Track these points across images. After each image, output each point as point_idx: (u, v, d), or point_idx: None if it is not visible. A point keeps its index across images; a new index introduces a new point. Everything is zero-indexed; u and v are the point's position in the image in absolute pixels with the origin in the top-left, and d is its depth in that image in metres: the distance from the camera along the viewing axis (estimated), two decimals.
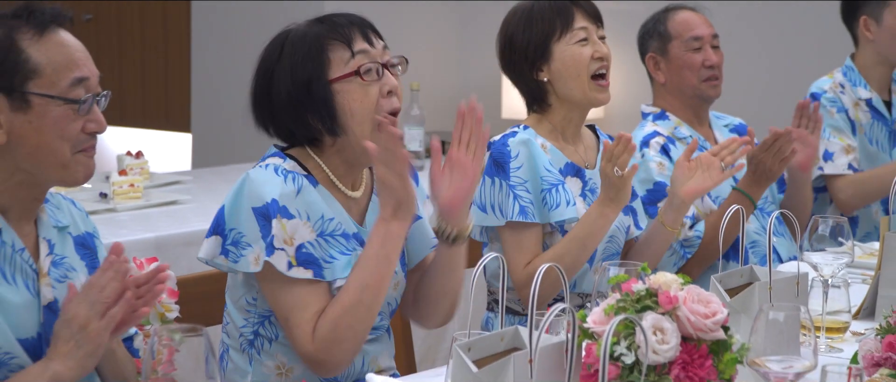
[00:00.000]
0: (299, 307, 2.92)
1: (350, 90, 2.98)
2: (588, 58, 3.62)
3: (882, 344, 2.84)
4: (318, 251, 2.96)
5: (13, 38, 2.51)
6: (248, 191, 2.94)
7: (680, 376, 2.18)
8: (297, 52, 3.00)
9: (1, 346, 2.51)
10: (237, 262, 2.94)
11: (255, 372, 3.06)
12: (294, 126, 3.04)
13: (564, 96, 3.68)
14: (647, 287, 2.25)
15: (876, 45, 4.96)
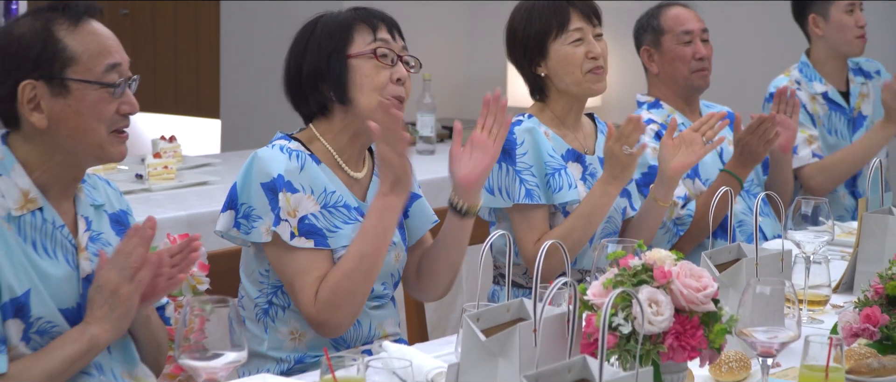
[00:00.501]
0: (302, 272, 2.96)
1: (364, 67, 3.02)
2: (582, 57, 3.61)
3: (860, 316, 2.84)
4: (322, 222, 2.99)
5: (50, 30, 2.52)
6: (257, 168, 2.98)
7: (673, 345, 2.18)
8: (327, 28, 3.06)
9: (43, 316, 2.53)
10: (249, 234, 2.98)
11: (270, 339, 3.08)
12: (310, 93, 3.07)
13: (562, 89, 3.68)
14: (643, 263, 2.24)
15: (826, 40, 4.99)
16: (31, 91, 2.50)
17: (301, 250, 2.96)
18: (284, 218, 2.94)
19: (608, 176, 3.52)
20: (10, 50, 2.53)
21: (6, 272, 2.49)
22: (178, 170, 5.09)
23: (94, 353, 2.55)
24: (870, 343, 2.80)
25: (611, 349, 2.17)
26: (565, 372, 2.04)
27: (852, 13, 4.94)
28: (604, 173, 3.55)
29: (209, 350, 2.12)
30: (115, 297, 2.51)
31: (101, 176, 2.80)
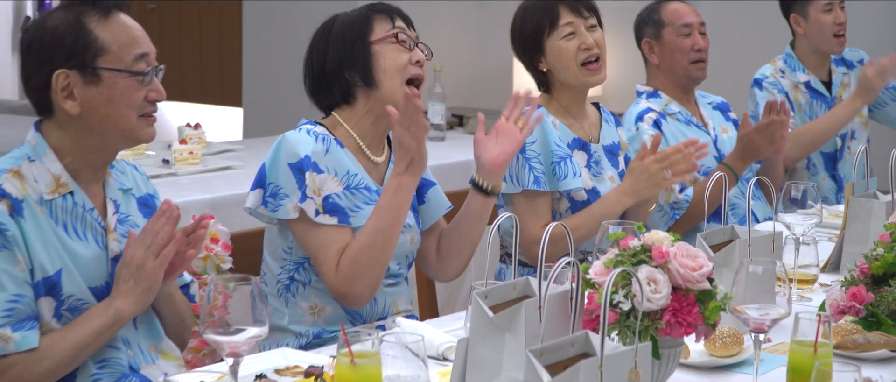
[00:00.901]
0: (325, 246, 2.98)
1: (386, 51, 3.05)
2: (574, 50, 3.60)
3: (846, 295, 2.85)
4: (345, 202, 3.00)
5: (82, 22, 2.53)
6: (285, 150, 2.99)
7: (671, 321, 2.18)
8: (346, 22, 3.09)
9: (74, 294, 2.54)
10: (275, 211, 2.99)
11: (291, 313, 3.08)
12: (334, 83, 3.09)
13: (563, 82, 3.68)
14: (642, 244, 2.24)
15: (806, 37, 5.00)
16: (64, 80, 2.51)
17: (325, 226, 2.97)
18: (310, 196, 2.95)
19: (630, 189, 3.54)
20: (44, 41, 2.53)
21: (39, 252, 2.49)
22: (203, 155, 5.10)
23: (119, 326, 2.56)
24: (856, 320, 2.80)
25: (611, 325, 2.16)
26: (568, 346, 2.04)
27: (830, 12, 4.93)
28: (626, 183, 3.56)
29: (232, 325, 2.12)
30: (140, 272, 2.53)
31: (129, 161, 2.81)
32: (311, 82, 3.14)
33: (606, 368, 1.96)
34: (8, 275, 2.44)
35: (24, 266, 2.47)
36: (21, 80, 2.66)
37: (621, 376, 2.00)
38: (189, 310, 2.79)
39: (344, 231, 2.99)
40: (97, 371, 2.58)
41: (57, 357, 2.48)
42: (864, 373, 2.19)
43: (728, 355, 2.57)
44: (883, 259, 2.88)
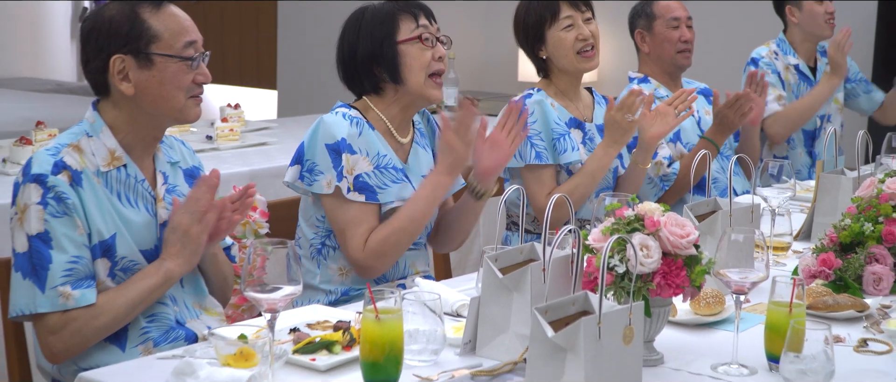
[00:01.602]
0: (353, 223, 2.97)
1: (412, 51, 3.02)
2: (573, 40, 3.61)
3: (817, 260, 2.85)
4: (374, 180, 2.99)
5: (136, 12, 2.53)
6: (323, 131, 2.98)
7: (661, 283, 2.18)
8: (374, 19, 3.05)
9: (127, 256, 2.55)
10: (311, 185, 2.98)
11: (322, 273, 3.09)
12: (365, 76, 3.07)
13: (561, 68, 3.68)
14: (636, 213, 2.24)
15: (800, 26, 5.00)
16: (120, 64, 2.51)
17: (354, 202, 2.96)
18: (345, 176, 2.95)
19: (609, 140, 3.55)
20: (101, 29, 2.53)
21: (96, 219, 2.50)
22: (242, 132, 5.12)
23: (168, 285, 2.57)
24: (826, 283, 2.80)
25: (608, 286, 2.16)
26: (570, 305, 2.04)
27: (822, 2, 4.96)
28: (605, 138, 3.56)
29: (269, 284, 2.12)
30: (186, 236, 2.55)
31: (176, 137, 2.81)
32: (343, 72, 3.12)
33: (604, 324, 1.97)
34: (68, 239, 2.45)
35: (83, 231, 2.47)
36: (80, 64, 2.67)
37: (617, 332, 2.00)
38: (230, 269, 2.80)
39: (371, 209, 2.99)
40: (147, 325, 2.59)
41: (112, 312, 2.49)
42: (833, 331, 2.19)
43: (711, 314, 2.58)
44: (850, 229, 2.88)
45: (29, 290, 2.45)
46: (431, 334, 2.27)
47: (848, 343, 2.44)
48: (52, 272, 2.44)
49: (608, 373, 1.98)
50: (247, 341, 2.22)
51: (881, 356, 2.39)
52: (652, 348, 2.31)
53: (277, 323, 2.18)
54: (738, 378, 2.24)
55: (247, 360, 2.14)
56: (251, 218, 3.00)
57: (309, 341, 2.31)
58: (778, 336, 2.23)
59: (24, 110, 6.83)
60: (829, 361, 2.13)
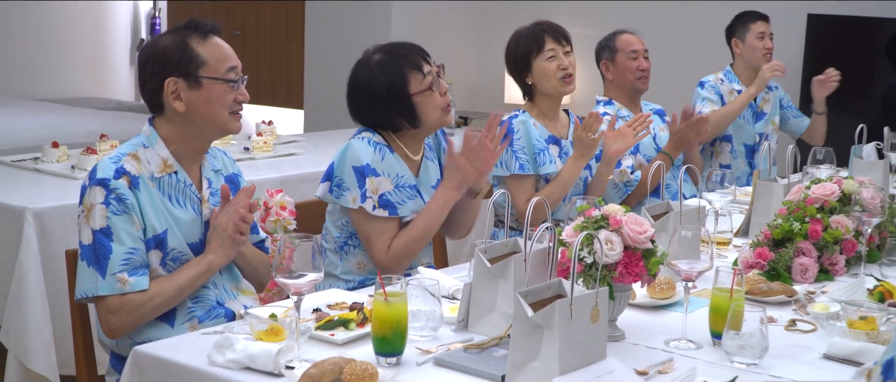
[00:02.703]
0: (378, 233, 2.95)
1: (425, 99, 2.97)
2: (555, 69, 3.60)
3: (753, 253, 2.86)
4: (394, 197, 2.97)
5: (187, 42, 2.53)
6: (350, 154, 2.95)
7: (623, 272, 2.19)
8: (385, 76, 2.95)
9: (176, 248, 2.56)
10: (339, 198, 2.95)
11: (343, 266, 3.07)
12: (384, 121, 3.01)
13: (544, 92, 3.66)
14: (602, 213, 2.24)
15: (743, 57, 5.01)
16: (173, 85, 2.51)
17: (379, 217, 2.94)
18: (369, 196, 2.92)
19: (577, 154, 3.56)
20: (157, 57, 2.53)
21: (150, 216, 2.51)
22: (275, 144, 5.11)
23: (210, 273, 2.58)
24: (761, 273, 2.81)
25: (579, 274, 2.16)
26: (546, 290, 2.04)
27: (762, 39, 4.97)
28: (574, 152, 3.58)
29: (296, 271, 2.12)
30: (224, 234, 2.56)
31: (220, 148, 2.81)
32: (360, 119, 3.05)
33: (575, 306, 1.97)
34: (126, 233, 2.45)
35: (139, 227, 2.48)
36: (138, 85, 2.67)
37: (585, 312, 2.00)
38: (261, 260, 2.78)
39: (393, 221, 2.97)
40: (192, 305, 2.59)
41: (163, 295, 2.50)
42: (767, 313, 2.19)
43: (665, 298, 2.58)
44: (781, 227, 2.88)
45: (92, 276, 2.45)
46: (431, 313, 2.27)
47: (779, 323, 2.45)
48: (112, 261, 2.44)
49: (578, 347, 1.98)
50: (277, 319, 2.22)
51: (807, 334, 2.40)
52: (615, 326, 2.32)
53: (302, 304, 2.18)
54: (686, 351, 2.24)
55: (277, 335, 2.14)
56: (281, 216, 3.00)
57: (329, 319, 2.31)
58: (720, 316, 2.24)
59: (90, 125, 6.82)
60: (763, 338, 2.14)
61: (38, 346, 3.50)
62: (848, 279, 2.85)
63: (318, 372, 1.93)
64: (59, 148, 4.51)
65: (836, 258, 2.89)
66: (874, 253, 2.99)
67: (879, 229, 3.03)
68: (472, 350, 2.16)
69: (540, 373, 1.94)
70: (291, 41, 8.39)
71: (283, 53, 8.54)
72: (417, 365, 2.10)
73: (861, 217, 2.94)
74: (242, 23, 8.79)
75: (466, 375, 2.05)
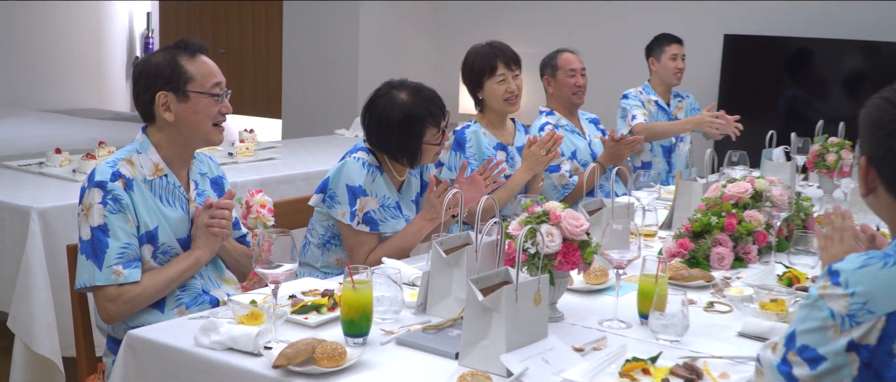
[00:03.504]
0: (359, 245, 2.96)
1: (430, 149, 2.99)
2: (502, 91, 3.62)
3: (676, 244, 2.88)
4: (378, 216, 2.97)
5: (177, 59, 2.51)
6: (346, 173, 2.94)
7: (561, 260, 2.19)
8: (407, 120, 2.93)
9: (166, 242, 2.54)
10: (331, 209, 2.96)
11: (324, 259, 3.06)
12: (385, 149, 2.99)
13: (492, 108, 3.68)
14: (543, 210, 2.25)
15: (658, 74, 5.06)
16: (163, 98, 2.49)
17: (361, 232, 2.94)
18: (356, 212, 2.92)
19: (526, 167, 3.56)
20: (150, 72, 2.51)
21: (143, 215, 2.49)
22: (255, 150, 5.09)
23: (197, 267, 2.57)
24: (682, 261, 2.83)
25: (523, 263, 2.17)
26: (495, 277, 2.05)
27: (674, 60, 5.01)
28: (523, 165, 3.57)
29: (274, 262, 2.11)
30: (208, 232, 2.55)
31: (206, 154, 2.79)
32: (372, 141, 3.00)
33: (519, 291, 1.97)
34: (121, 230, 2.44)
35: (133, 224, 2.46)
36: (132, 98, 2.64)
37: (529, 296, 2.01)
38: (242, 253, 2.76)
39: (372, 236, 2.97)
40: (180, 293, 2.57)
41: (154, 286, 2.49)
42: (688, 295, 2.21)
43: (598, 283, 2.59)
44: (700, 221, 2.91)
45: (90, 268, 2.43)
46: (393, 299, 2.27)
47: (699, 305, 2.46)
48: (108, 254, 2.42)
49: (523, 327, 1.98)
50: (256, 305, 2.21)
51: (724, 314, 2.42)
52: (555, 308, 2.33)
53: (279, 291, 2.17)
54: (617, 330, 2.25)
55: (256, 319, 2.13)
56: (261, 214, 2.98)
57: (303, 304, 2.30)
58: (647, 299, 2.25)
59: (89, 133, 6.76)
60: (685, 318, 2.16)
61: (43, 331, 3.47)
62: (760, 267, 2.88)
63: (293, 352, 1.93)
64: (61, 154, 4.48)
65: (749, 248, 2.91)
66: (783, 243, 3.03)
67: (787, 222, 3.07)
68: (429, 331, 2.16)
69: (489, 351, 1.95)
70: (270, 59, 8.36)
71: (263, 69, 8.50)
72: (381, 345, 2.10)
73: (771, 212, 2.97)
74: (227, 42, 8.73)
75: (425, 353, 2.05)
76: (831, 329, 1.53)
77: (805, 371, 1.54)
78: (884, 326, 1.50)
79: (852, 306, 1.52)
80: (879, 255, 1.57)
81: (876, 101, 1.67)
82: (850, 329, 1.52)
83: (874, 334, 1.50)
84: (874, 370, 1.51)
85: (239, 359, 2.00)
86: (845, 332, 1.52)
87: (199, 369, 2.03)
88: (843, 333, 1.52)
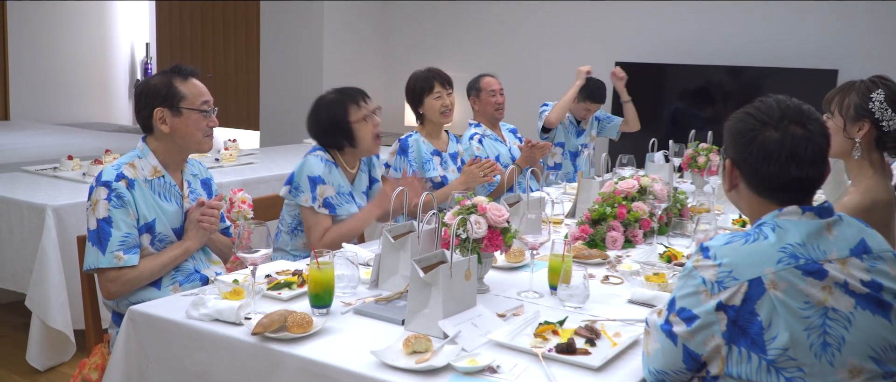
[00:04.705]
0: (316, 225, 2.92)
1: (360, 126, 2.96)
2: (439, 106, 3.60)
3: (578, 229, 2.88)
4: (335, 201, 2.94)
5: (171, 81, 2.48)
6: (307, 167, 2.92)
7: (487, 244, 2.20)
8: (333, 108, 2.96)
9: (162, 232, 2.50)
10: (296, 197, 2.93)
11: (293, 244, 3.03)
12: (331, 142, 2.99)
13: (430, 120, 3.66)
14: (473, 203, 2.25)
15: None
16: (160, 113, 2.46)
17: (321, 214, 2.91)
18: (317, 197, 2.90)
19: (462, 181, 3.50)
20: (148, 92, 2.48)
21: (143, 209, 2.45)
22: (238, 156, 5.04)
23: (187, 254, 2.53)
24: (584, 243, 2.84)
25: (456, 246, 2.17)
26: (433, 257, 2.04)
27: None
28: (461, 179, 3.50)
29: (252, 248, 2.08)
30: (198, 226, 2.52)
31: (197, 159, 2.75)
32: (317, 139, 3.02)
33: (453, 269, 1.97)
34: (123, 221, 2.39)
35: (133, 217, 2.42)
36: (134, 113, 2.60)
37: (461, 273, 2.01)
38: (225, 243, 2.72)
39: (329, 218, 2.94)
40: (175, 274, 2.53)
41: (150, 270, 2.44)
42: (588, 271, 2.23)
43: (517, 262, 2.60)
44: (597, 211, 2.93)
45: (95, 253, 2.38)
46: (351, 276, 2.26)
47: (597, 278, 2.48)
48: (111, 242, 2.37)
49: (456, 298, 1.98)
50: (238, 283, 2.18)
51: (616, 285, 2.43)
52: (482, 282, 2.33)
53: (257, 272, 2.14)
54: (532, 299, 2.26)
55: (238, 295, 2.11)
56: (242, 208, 2.95)
57: (276, 282, 2.27)
58: (556, 274, 2.27)
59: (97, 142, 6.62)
60: (586, 289, 2.17)
61: (57, 309, 3.41)
62: (645, 247, 2.91)
63: (268, 321, 1.91)
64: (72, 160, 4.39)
65: (636, 232, 2.95)
66: (663, 228, 3.07)
67: (666, 211, 3.11)
68: (381, 302, 2.16)
69: (429, 318, 1.95)
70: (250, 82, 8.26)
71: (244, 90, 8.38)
72: (342, 314, 2.09)
73: (653, 203, 3.01)
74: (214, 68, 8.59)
75: (377, 320, 2.05)
76: (703, 293, 1.56)
77: (683, 328, 1.57)
78: (746, 290, 1.53)
79: (720, 274, 1.55)
80: (741, 234, 1.61)
81: (740, 114, 1.69)
82: (719, 293, 1.54)
83: (739, 296, 1.53)
84: (740, 326, 1.54)
85: (224, 328, 1.98)
86: (715, 295, 1.55)
87: (190, 337, 2.00)
88: (712, 296, 1.55)
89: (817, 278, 1.54)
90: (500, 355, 1.82)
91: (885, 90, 2.26)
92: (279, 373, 1.84)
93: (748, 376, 1.53)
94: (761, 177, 1.64)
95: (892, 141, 2.28)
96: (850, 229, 1.63)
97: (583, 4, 6.35)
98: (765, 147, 1.62)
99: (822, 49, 5.57)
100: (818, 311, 1.53)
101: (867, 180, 2.28)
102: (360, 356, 1.80)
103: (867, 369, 1.55)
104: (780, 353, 1.51)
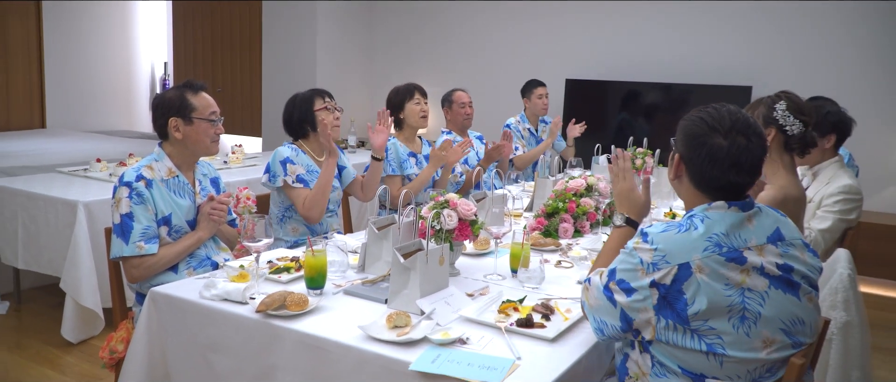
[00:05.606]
0: (297, 197, 2.90)
1: (321, 114, 2.97)
2: (418, 111, 3.57)
3: (535, 221, 2.88)
4: (307, 177, 2.93)
5: (184, 95, 2.44)
6: (279, 153, 2.93)
7: (458, 234, 2.19)
8: (302, 98, 3.00)
9: (177, 224, 2.46)
10: (273, 182, 2.91)
11: (283, 231, 3.00)
12: (299, 130, 3.01)
13: (409, 125, 3.62)
14: (445, 199, 2.24)
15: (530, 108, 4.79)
16: (174, 122, 2.42)
17: (297, 188, 2.90)
18: (289, 175, 2.89)
19: (431, 165, 3.48)
20: (165, 104, 2.44)
21: (160, 204, 2.40)
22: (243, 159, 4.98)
23: (199, 244, 2.48)
24: (540, 232, 2.84)
25: (431, 236, 2.16)
26: (412, 246, 2.03)
27: (541, 98, 4.77)
28: (430, 163, 3.49)
29: (256, 237, 2.06)
30: (209, 218, 2.48)
31: (207, 161, 2.71)
32: (287, 129, 3.05)
33: (429, 256, 1.97)
34: (143, 216, 2.36)
35: (151, 212, 2.38)
36: (152, 122, 2.56)
37: (436, 259, 2.00)
38: (232, 234, 2.68)
39: (305, 190, 2.92)
40: (190, 260, 2.49)
41: (166, 257, 2.40)
42: (544, 256, 2.23)
43: (483, 249, 2.59)
44: (551, 205, 2.93)
45: (120, 244, 2.34)
46: (342, 262, 2.24)
47: (551, 263, 2.48)
48: (133, 234, 2.33)
49: (431, 280, 1.98)
50: (244, 268, 2.15)
51: (568, 269, 2.44)
52: (454, 267, 2.33)
53: (260, 258, 2.12)
54: (496, 281, 2.26)
55: (244, 278, 2.09)
56: (247, 203, 2.91)
57: (277, 267, 2.25)
58: (516, 259, 2.27)
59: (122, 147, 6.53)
60: (542, 272, 2.18)
61: (88, 289, 3.38)
62: (591, 236, 2.92)
63: (270, 300, 1.89)
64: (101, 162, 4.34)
65: (584, 224, 2.95)
66: (606, 220, 3.08)
67: (609, 206, 3.13)
68: (367, 284, 2.14)
69: (408, 297, 1.94)
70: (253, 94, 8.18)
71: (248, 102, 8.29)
72: (333, 294, 2.07)
73: (598, 199, 3.02)
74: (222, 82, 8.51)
75: (364, 300, 2.03)
76: (640, 271, 1.57)
77: (623, 298, 1.59)
78: (676, 272, 1.55)
79: (655, 257, 1.56)
80: (676, 223, 1.61)
81: (695, 117, 1.66)
82: (653, 272, 1.56)
83: (669, 277, 1.55)
84: (668, 301, 1.56)
85: (232, 307, 1.95)
86: (649, 274, 1.56)
87: (202, 314, 1.98)
88: (648, 274, 1.57)
89: (738, 263, 1.56)
90: (469, 328, 1.82)
91: (787, 101, 2.30)
92: (280, 345, 1.83)
93: (675, 341, 1.56)
94: (704, 176, 1.64)
95: (798, 143, 2.31)
96: (768, 218, 1.65)
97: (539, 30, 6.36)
98: (712, 153, 1.61)
99: (738, 68, 5.64)
100: (737, 290, 1.55)
101: (781, 179, 2.31)
102: (349, 330, 1.79)
103: (779, 340, 1.57)
104: (702, 324, 1.53)
